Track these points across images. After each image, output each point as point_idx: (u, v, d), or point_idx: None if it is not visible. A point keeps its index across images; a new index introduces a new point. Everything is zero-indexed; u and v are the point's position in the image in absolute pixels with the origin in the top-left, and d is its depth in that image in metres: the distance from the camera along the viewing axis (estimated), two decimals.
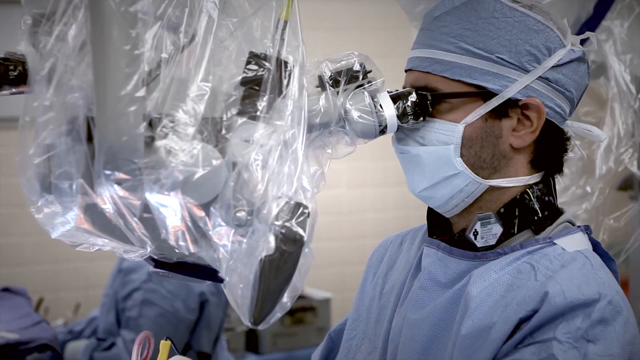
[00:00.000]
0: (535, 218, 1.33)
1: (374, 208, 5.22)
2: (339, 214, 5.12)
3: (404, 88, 1.33)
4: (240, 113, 1.10)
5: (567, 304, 1.19)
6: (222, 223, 1.09)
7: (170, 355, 1.30)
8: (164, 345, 1.32)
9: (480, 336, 1.23)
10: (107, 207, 1.08)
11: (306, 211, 1.11)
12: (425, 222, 1.45)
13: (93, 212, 1.10)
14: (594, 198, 1.96)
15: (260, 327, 1.13)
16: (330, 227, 5.04)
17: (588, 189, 2.00)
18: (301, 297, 3.97)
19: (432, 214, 1.41)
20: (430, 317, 1.31)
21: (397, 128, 1.29)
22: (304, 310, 3.94)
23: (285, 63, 1.11)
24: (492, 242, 1.32)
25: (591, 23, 1.92)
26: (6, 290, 2.89)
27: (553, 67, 1.31)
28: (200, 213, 1.09)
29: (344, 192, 5.11)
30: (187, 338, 3.15)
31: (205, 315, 3.15)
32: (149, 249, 1.15)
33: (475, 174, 1.31)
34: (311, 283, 4.22)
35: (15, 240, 4.24)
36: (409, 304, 1.36)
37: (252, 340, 3.84)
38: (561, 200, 1.42)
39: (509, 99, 1.29)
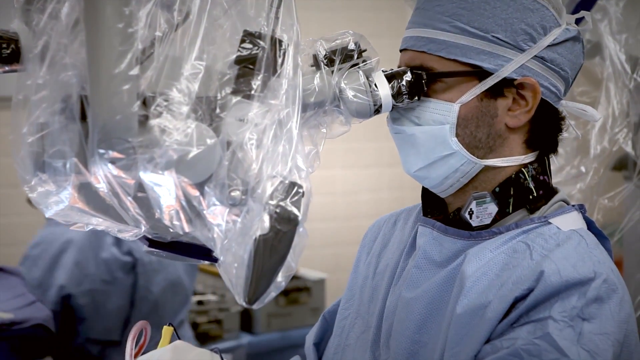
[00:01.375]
0: (530, 197, 1.33)
1: (368, 189, 5.22)
2: (334, 195, 5.11)
3: (399, 67, 1.32)
4: (235, 92, 1.10)
5: (563, 283, 1.19)
6: (217, 202, 1.09)
7: (172, 340, 1.30)
8: (166, 330, 1.32)
9: (476, 315, 1.23)
10: (101, 186, 1.08)
11: (301, 190, 1.11)
12: (420, 202, 1.45)
13: (87, 191, 1.10)
14: (588, 178, 1.96)
15: (255, 307, 1.13)
16: (324, 208, 5.04)
17: (582, 168, 2.00)
18: (295, 277, 3.97)
19: (426, 193, 1.41)
20: (425, 296, 1.31)
21: (392, 107, 1.29)
22: (298, 290, 3.94)
23: (280, 42, 1.10)
24: (487, 221, 1.32)
25: (586, 2, 1.92)
26: (0, 270, 2.89)
27: (548, 46, 1.30)
28: (195, 192, 1.08)
29: (338, 172, 5.10)
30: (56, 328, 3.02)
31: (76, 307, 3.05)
32: (143, 229, 1.15)
33: (470, 153, 1.31)
34: (305, 263, 4.22)
35: (10, 220, 4.24)
36: (404, 282, 1.36)
37: (246, 321, 3.84)
38: (556, 180, 1.42)
39: (504, 79, 1.29)
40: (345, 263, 4.88)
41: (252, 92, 1.10)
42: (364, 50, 1.28)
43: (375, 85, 1.26)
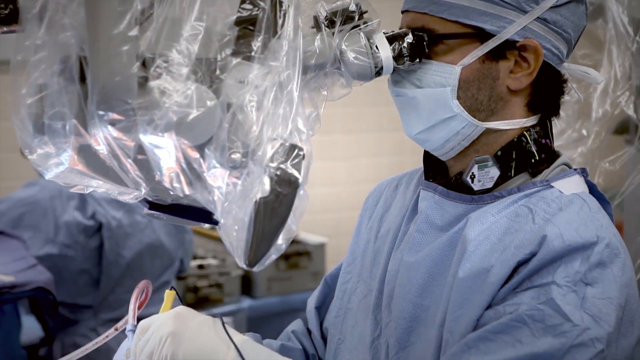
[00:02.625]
0: (532, 161, 1.32)
1: (369, 153, 5.22)
2: (334, 160, 5.11)
3: (400, 29, 1.31)
4: (235, 53, 1.09)
5: (566, 247, 1.19)
6: (217, 165, 1.08)
7: (174, 305, 1.30)
8: (169, 294, 1.32)
9: (478, 279, 1.23)
10: (101, 148, 1.08)
11: (301, 153, 1.11)
12: (421, 166, 1.44)
13: (87, 153, 1.10)
14: (589, 141, 1.95)
15: (255, 269, 1.13)
16: (325, 173, 5.04)
17: (584, 132, 1.99)
18: (296, 241, 3.98)
19: (428, 157, 1.41)
20: (427, 259, 1.31)
21: (393, 70, 1.28)
22: (298, 254, 3.95)
23: (280, 3, 1.09)
24: (489, 185, 1.32)
25: None
26: (1, 233, 2.89)
27: (551, 7, 1.29)
28: (195, 155, 1.08)
29: (339, 137, 5.09)
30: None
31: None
32: (143, 191, 1.15)
33: (471, 116, 1.30)
34: (306, 228, 4.23)
35: (11, 185, 4.23)
36: (406, 246, 1.36)
37: (247, 285, 3.86)
38: (557, 143, 1.42)
39: (506, 41, 1.28)
40: (345, 228, 4.88)
41: (252, 53, 1.09)
42: (365, 12, 1.27)
43: (377, 47, 1.25)
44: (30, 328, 2.92)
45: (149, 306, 3.11)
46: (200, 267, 3.70)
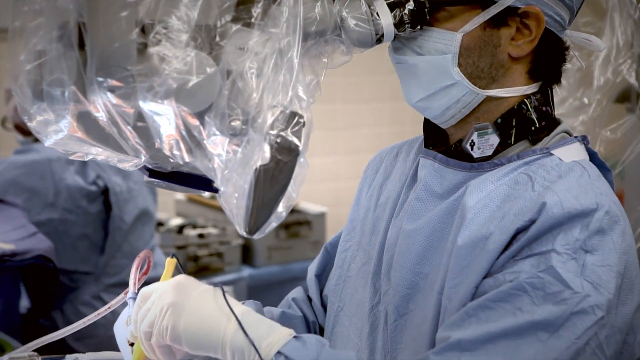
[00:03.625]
0: (533, 128, 1.32)
1: (369, 123, 5.21)
2: (334, 129, 5.10)
3: None
4: (235, 20, 1.09)
5: (565, 214, 1.19)
6: (217, 132, 1.08)
7: (175, 273, 1.30)
8: (170, 263, 1.32)
9: (477, 246, 1.23)
10: (101, 115, 1.07)
11: (301, 120, 1.10)
12: (421, 134, 1.44)
13: (86, 120, 1.09)
14: (590, 110, 1.95)
15: (256, 237, 1.13)
16: (325, 143, 5.03)
17: (585, 100, 1.99)
18: (296, 211, 3.99)
19: (428, 125, 1.40)
20: (426, 227, 1.31)
21: (394, 37, 1.27)
22: (299, 224, 3.96)
23: None
24: (489, 152, 1.31)
25: None
26: (1, 201, 2.89)
27: None
28: (195, 122, 1.08)
29: (339, 107, 5.08)
30: None
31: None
32: (143, 158, 1.15)
33: (472, 84, 1.29)
34: (306, 198, 4.23)
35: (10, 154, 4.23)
36: (405, 214, 1.35)
37: (247, 254, 3.87)
38: (558, 112, 1.41)
39: (507, 7, 1.27)
40: (345, 198, 4.89)
41: (252, 20, 1.09)
42: None
43: (377, 14, 1.24)
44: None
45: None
46: (201, 236, 3.70)
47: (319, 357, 1.14)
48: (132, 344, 1.29)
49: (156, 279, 1.30)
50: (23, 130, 3.07)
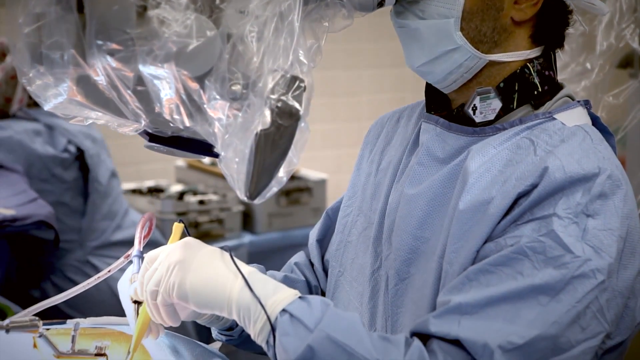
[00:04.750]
0: (535, 93, 1.31)
1: (369, 90, 5.19)
2: (335, 96, 5.08)
3: None
4: None
5: (567, 179, 1.19)
6: (217, 96, 1.08)
7: (182, 238, 1.30)
8: (177, 227, 1.32)
9: (478, 211, 1.23)
10: (100, 79, 1.07)
11: (302, 85, 1.10)
12: (423, 99, 1.43)
13: (86, 84, 1.09)
14: (593, 75, 1.94)
15: (256, 202, 1.13)
16: (325, 109, 5.02)
17: (588, 65, 1.97)
18: (297, 177, 3.98)
19: (430, 89, 1.40)
20: (428, 192, 1.31)
21: (396, 1, 1.26)
22: (299, 190, 3.95)
23: None
24: (491, 117, 1.31)
25: None
26: (1, 167, 2.89)
27: None
28: (195, 86, 1.07)
29: (339, 73, 5.06)
30: None
31: None
32: (143, 123, 1.14)
33: (475, 48, 1.28)
34: (306, 165, 4.22)
35: None
36: (406, 179, 1.35)
37: (247, 220, 3.87)
38: (560, 77, 1.40)
39: None
40: (346, 165, 4.88)
41: None
42: None
43: None
44: None
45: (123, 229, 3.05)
46: (201, 202, 3.70)
47: (323, 317, 1.14)
48: (135, 302, 1.30)
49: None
50: None
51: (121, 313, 1.36)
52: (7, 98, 3.05)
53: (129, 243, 1.33)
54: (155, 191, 3.85)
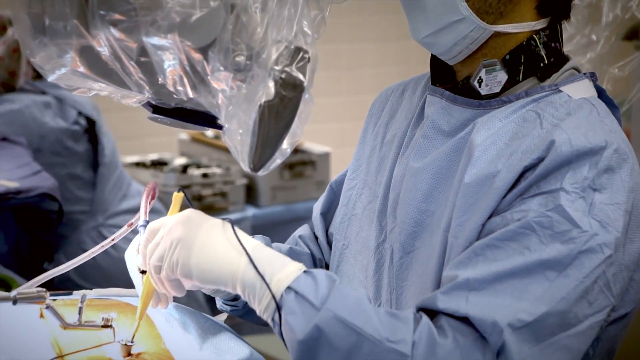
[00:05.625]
0: (541, 65, 1.30)
1: (373, 63, 5.17)
2: (339, 69, 5.07)
3: None
4: None
5: (574, 152, 1.18)
6: (221, 67, 1.07)
7: (183, 208, 1.30)
8: (177, 197, 1.32)
9: (484, 184, 1.22)
10: (103, 50, 1.06)
11: (306, 56, 1.09)
12: (428, 71, 1.42)
13: (89, 55, 1.08)
14: (598, 47, 1.92)
15: (260, 173, 1.13)
16: (329, 83, 5.00)
17: (593, 37, 1.96)
18: (300, 151, 3.98)
19: (435, 61, 1.39)
20: (433, 165, 1.30)
21: None
22: (303, 164, 3.95)
23: None
24: (497, 89, 1.30)
25: None
26: (4, 139, 2.89)
27: None
28: (198, 57, 1.07)
29: (343, 47, 5.04)
30: None
31: None
32: (146, 94, 1.14)
33: (480, 19, 1.27)
34: (310, 138, 4.22)
35: None
36: (411, 152, 1.35)
37: (251, 193, 3.87)
38: (565, 49, 1.39)
39: None
40: (349, 138, 4.88)
41: None
42: None
43: None
44: None
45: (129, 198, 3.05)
46: (205, 175, 3.70)
47: (329, 295, 1.14)
48: (142, 272, 1.30)
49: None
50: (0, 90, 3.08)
51: (132, 285, 1.37)
52: (11, 72, 3.04)
53: (136, 211, 1.33)
54: (158, 164, 3.85)
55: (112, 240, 1.37)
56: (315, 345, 1.12)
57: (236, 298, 1.44)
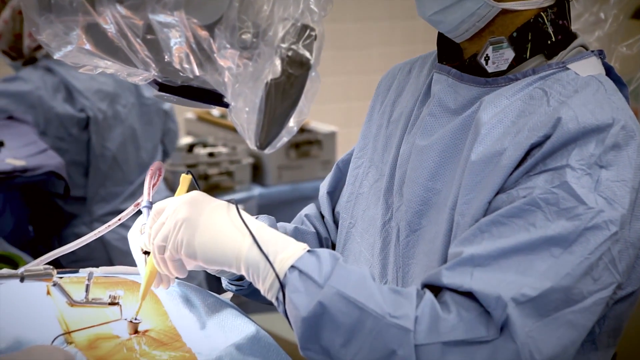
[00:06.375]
0: (549, 42, 1.29)
1: (380, 42, 5.16)
2: (345, 49, 5.06)
3: None
4: None
5: (580, 129, 1.18)
6: (227, 45, 1.07)
7: (190, 189, 1.30)
8: (184, 179, 1.32)
9: (490, 162, 1.22)
10: (109, 27, 1.06)
11: (313, 34, 1.09)
12: (435, 50, 1.42)
13: (95, 32, 1.08)
14: (607, 25, 1.91)
15: (267, 151, 1.13)
16: (335, 62, 4.99)
17: (602, 15, 1.95)
18: (306, 130, 3.98)
19: (442, 39, 1.38)
20: (439, 143, 1.30)
21: None
22: (309, 143, 3.95)
23: None
24: (504, 67, 1.29)
25: None
26: (11, 118, 2.89)
27: None
28: (205, 34, 1.06)
29: (350, 26, 5.03)
30: None
31: None
32: (152, 72, 1.13)
33: None
34: (316, 118, 4.21)
35: None
36: (418, 130, 1.34)
37: (257, 173, 3.87)
38: (574, 27, 1.38)
39: None
40: (356, 118, 4.87)
41: None
42: None
43: None
44: None
45: (137, 197, 3.08)
46: (211, 155, 3.71)
47: (332, 272, 1.14)
48: (145, 252, 1.30)
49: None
50: (11, 54, 3.06)
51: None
52: (17, 34, 3.02)
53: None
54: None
55: (119, 220, 1.37)
56: (319, 322, 1.12)
57: (241, 278, 1.44)
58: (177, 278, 1.32)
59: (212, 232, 1.19)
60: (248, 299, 1.51)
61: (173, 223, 1.21)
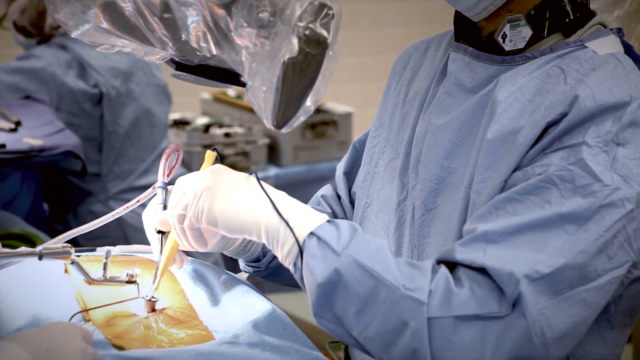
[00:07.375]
0: (567, 20, 1.28)
1: (396, 23, 5.13)
2: (361, 29, 5.04)
3: None
4: None
5: (597, 107, 1.17)
6: (244, 24, 1.07)
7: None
8: (210, 155, 1.33)
9: (507, 140, 1.22)
10: (127, 6, 1.06)
11: (330, 12, 1.09)
12: (452, 28, 1.41)
13: (112, 11, 1.08)
14: (626, 4, 1.89)
15: (283, 131, 1.13)
16: (351, 42, 4.98)
17: None
18: (322, 111, 3.97)
19: (459, 17, 1.37)
20: (455, 122, 1.30)
21: None
22: (325, 124, 3.95)
23: None
24: (521, 45, 1.29)
25: None
26: (28, 97, 2.90)
27: None
28: (222, 13, 1.06)
29: (365, 6, 5.01)
30: None
31: None
32: (169, 51, 1.14)
33: None
34: (332, 99, 4.21)
35: None
36: (434, 109, 1.34)
37: (273, 153, 3.88)
38: (593, 6, 1.37)
39: None
40: (372, 98, 4.85)
41: None
42: None
43: None
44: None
45: (150, 174, 3.03)
46: (227, 135, 3.71)
47: (351, 241, 1.15)
48: (159, 232, 1.31)
49: None
50: (26, 31, 3.07)
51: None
52: (41, 11, 3.01)
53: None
54: (181, 124, 3.86)
55: (137, 201, 1.38)
56: (334, 290, 1.13)
57: (258, 259, 1.45)
58: (191, 256, 1.33)
59: (232, 199, 1.20)
60: (264, 280, 1.52)
61: (194, 192, 1.22)
